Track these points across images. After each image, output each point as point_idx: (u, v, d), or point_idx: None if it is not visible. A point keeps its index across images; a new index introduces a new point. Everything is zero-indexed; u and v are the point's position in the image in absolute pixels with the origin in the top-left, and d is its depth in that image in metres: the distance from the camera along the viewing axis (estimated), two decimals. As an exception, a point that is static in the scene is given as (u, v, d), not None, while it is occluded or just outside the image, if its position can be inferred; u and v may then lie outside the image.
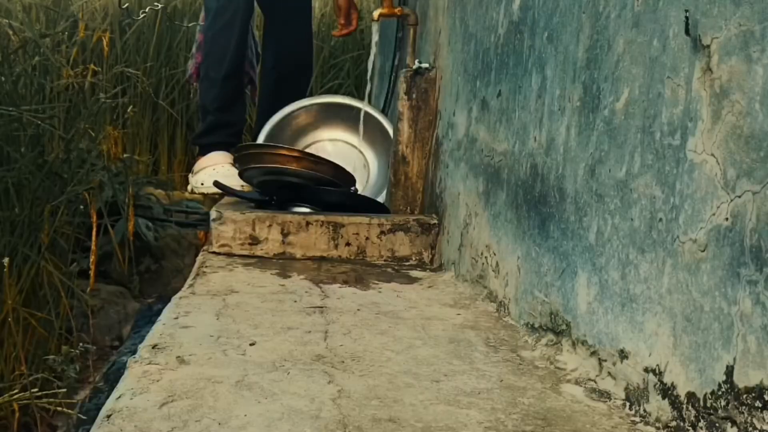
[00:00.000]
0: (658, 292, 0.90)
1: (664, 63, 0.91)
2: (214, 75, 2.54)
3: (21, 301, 2.26)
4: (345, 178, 2.12)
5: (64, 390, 2.04)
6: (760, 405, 0.72)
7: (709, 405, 0.79)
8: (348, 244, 1.86)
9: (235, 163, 2.36)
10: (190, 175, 2.60)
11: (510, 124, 1.44)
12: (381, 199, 2.25)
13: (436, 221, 1.92)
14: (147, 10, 3.57)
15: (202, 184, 2.43)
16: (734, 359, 0.76)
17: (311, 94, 2.99)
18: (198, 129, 2.73)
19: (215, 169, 2.44)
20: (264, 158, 2.11)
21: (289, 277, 1.63)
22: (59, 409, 2.01)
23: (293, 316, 1.34)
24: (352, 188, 2.17)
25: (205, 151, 2.54)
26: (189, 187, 2.60)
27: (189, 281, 1.59)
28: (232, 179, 2.30)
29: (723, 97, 0.80)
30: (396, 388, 0.99)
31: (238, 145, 2.40)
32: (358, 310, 1.41)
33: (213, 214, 1.87)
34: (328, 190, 2.04)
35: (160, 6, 3.67)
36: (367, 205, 2.04)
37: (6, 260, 2.02)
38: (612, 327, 1.01)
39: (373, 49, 2.38)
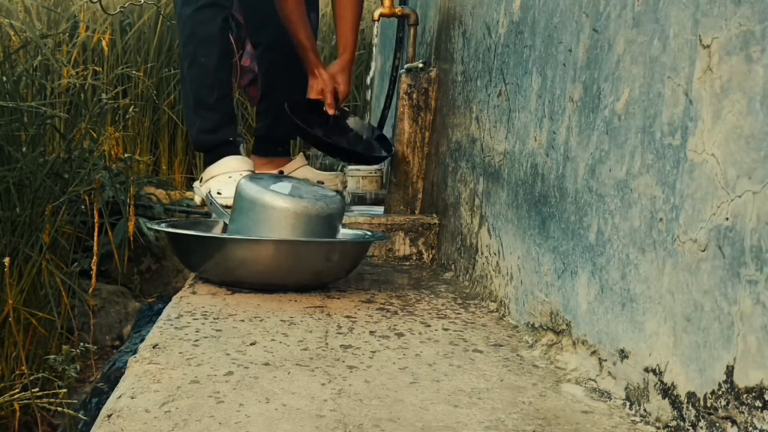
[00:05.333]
0: (659, 292, 0.90)
1: (665, 63, 0.91)
2: (205, 61, 2.17)
3: (22, 300, 2.26)
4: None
5: (65, 390, 2.04)
6: (761, 405, 0.72)
7: (709, 405, 0.79)
8: (348, 243, 1.86)
9: None
10: (197, 183, 2.22)
11: (510, 124, 1.44)
12: None
13: (436, 221, 1.92)
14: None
15: (219, 193, 2.02)
16: (734, 359, 0.76)
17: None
18: (198, 126, 2.25)
19: (231, 176, 2.05)
20: None
21: (290, 276, 1.63)
22: (59, 408, 2.01)
23: (294, 315, 1.34)
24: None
25: (215, 153, 2.16)
26: (197, 199, 2.23)
27: (189, 281, 1.59)
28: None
29: (723, 97, 0.80)
30: (396, 388, 0.99)
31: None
32: (358, 309, 1.41)
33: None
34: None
35: (143, 1, 3.64)
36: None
37: (7, 260, 2.02)
38: (612, 327, 1.01)
39: (374, 51, 2.39)
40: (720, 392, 0.78)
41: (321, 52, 4.23)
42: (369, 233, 1.73)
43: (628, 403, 0.96)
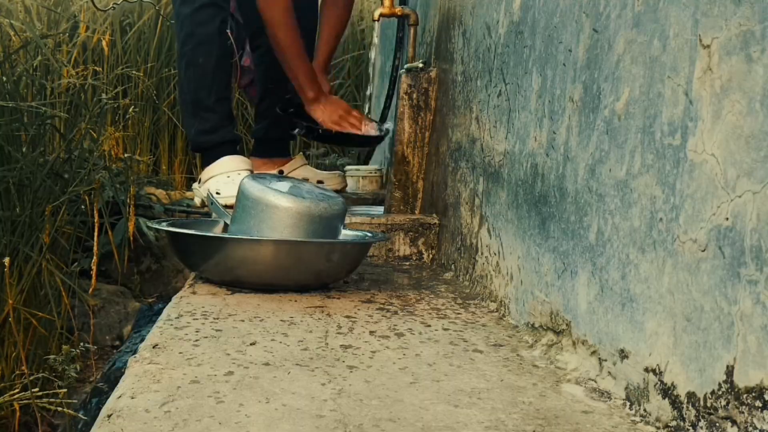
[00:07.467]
0: (659, 292, 0.90)
1: (665, 63, 0.91)
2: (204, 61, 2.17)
3: (22, 300, 2.26)
4: None
5: (65, 390, 2.05)
6: (760, 405, 0.72)
7: (709, 405, 0.79)
8: (348, 243, 1.86)
9: None
10: (195, 184, 2.24)
11: (510, 124, 1.44)
12: None
13: (436, 221, 1.92)
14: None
15: (218, 193, 2.02)
16: (734, 359, 0.76)
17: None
18: (196, 127, 2.24)
19: (229, 176, 2.09)
20: None
21: (290, 276, 1.63)
22: (60, 408, 2.01)
23: (294, 315, 1.34)
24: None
25: (214, 154, 2.18)
26: (197, 200, 2.25)
27: (189, 281, 1.59)
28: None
29: (723, 97, 0.80)
30: (396, 388, 0.99)
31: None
32: (358, 309, 1.41)
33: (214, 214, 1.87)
34: None
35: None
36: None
37: (7, 260, 2.02)
38: (612, 327, 1.01)
39: (374, 49, 2.39)
40: (720, 392, 0.78)
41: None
42: (369, 234, 1.73)
43: (628, 403, 0.96)
